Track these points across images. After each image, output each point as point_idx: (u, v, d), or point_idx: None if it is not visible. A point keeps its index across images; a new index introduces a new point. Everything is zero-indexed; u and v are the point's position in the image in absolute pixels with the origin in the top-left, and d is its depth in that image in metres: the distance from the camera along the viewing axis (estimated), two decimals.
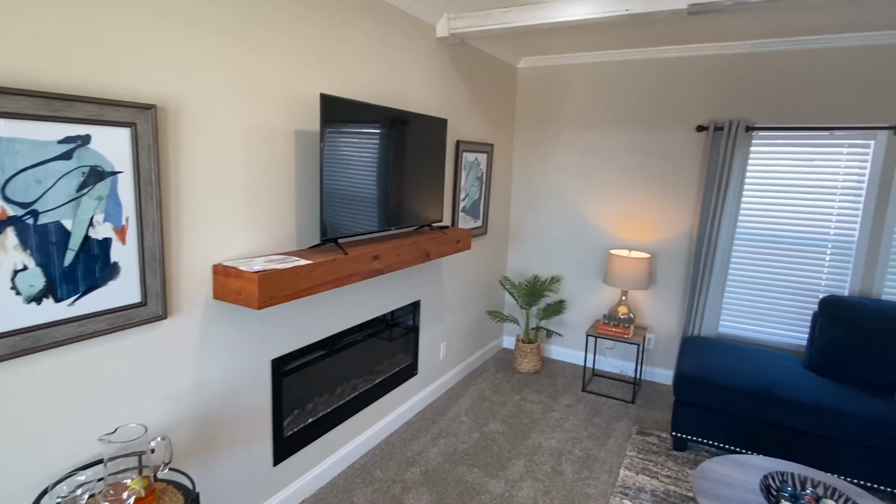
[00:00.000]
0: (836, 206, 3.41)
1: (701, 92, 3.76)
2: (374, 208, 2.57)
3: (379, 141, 2.53)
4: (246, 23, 1.98)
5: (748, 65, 3.58)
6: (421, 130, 2.85)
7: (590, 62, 4.12)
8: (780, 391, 2.81)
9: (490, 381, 4.02)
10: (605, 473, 2.87)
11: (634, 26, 3.26)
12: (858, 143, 3.32)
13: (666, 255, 4.03)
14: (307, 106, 2.32)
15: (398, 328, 3.24)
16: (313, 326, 2.51)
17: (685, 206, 3.91)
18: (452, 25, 3.14)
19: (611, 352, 4.35)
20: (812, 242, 3.50)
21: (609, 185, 4.18)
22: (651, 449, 3.12)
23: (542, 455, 3.03)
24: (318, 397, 2.63)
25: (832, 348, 3.04)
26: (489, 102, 3.98)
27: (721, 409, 2.94)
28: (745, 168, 3.58)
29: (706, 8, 2.51)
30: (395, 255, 2.61)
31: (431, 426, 3.31)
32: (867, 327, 2.96)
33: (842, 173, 3.38)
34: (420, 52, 3.08)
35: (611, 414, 3.58)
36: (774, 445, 2.84)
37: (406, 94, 2.99)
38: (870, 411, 2.62)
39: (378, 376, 3.09)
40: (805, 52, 3.40)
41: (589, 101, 4.17)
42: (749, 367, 3.07)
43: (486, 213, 4.11)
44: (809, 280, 3.53)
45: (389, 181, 2.66)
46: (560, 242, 4.45)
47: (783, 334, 3.66)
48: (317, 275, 2.07)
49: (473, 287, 4.11)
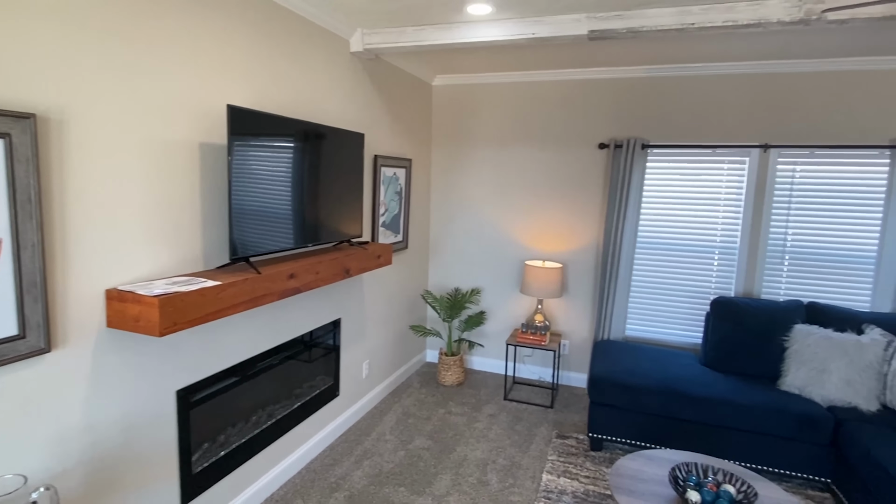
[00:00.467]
0: (721, 215, 3.79)
1: (602, 112, 4.04)
2: (290, 225, 2.48)
3: (293, 155, 2.46)
4: (144, 29, 1.85)
5: (644, 88, 3.91)
6: (337, 145, 2.81)
7: (501, 82, 4.29)
8: (681, 387, 3.04)
9: (415, 397, 3.99)
10: (529, 479, 2.94)
11: (541, 49, 3.44)
12: (736, 159, 3.73)
13: (576, 264, 4.25)
14: (214, 118, 2.19)
15: (318, 348, 3.13)
16: (225, 352, 2.35)
17: (591, 218, 4.16)
18: (367, 41, 3.13)
19: (529, 359, 4.49)
20: (702, 249, 3.86)
21: (523, 200, 4.35)
22: (570, 451, 3.25)
23: (468, 467, 3.04)
24: (230, 428, 2.46)
25: (723, 345, 3.35)
26: (406, 118, 4.01)
27: (631, 407, 3.12)
28: (642, 182, 3.88)
29: (604, 35, 2.72)
30: (313, 273, 2.53)
31: (355, 448, 3.21)
32: (751, 324, 3.30)
33: (724, 186, 3.77)
34: (335, 66, 3.04)
35: (532, 420, 3.69)
36: (680, 438, 3.07)
37: (321, 108, 2.94)
38: (757, 401, 2.91)
39: (297, 400, 2.95)
40: (692, 78, 3.78)
41: (501, 119, 4.34)
42: (653, 366, 3.30)
43: (407, 227, 4.11)
44: (701, 283, 3.89)
45: (305, 196, 2.58)
46: (479, 255, 4.55)
47: (682, 334, 3.98)
48: (226, 296, 1.95)
49: (396, 302, 4.08)
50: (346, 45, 3.15)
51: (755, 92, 3.65)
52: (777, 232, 3.66)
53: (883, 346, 2.89)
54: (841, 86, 3.47)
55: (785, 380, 3.07)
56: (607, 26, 2.68)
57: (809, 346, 3.01)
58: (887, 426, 2.65)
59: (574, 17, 2.74)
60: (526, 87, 4.24)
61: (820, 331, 3.04)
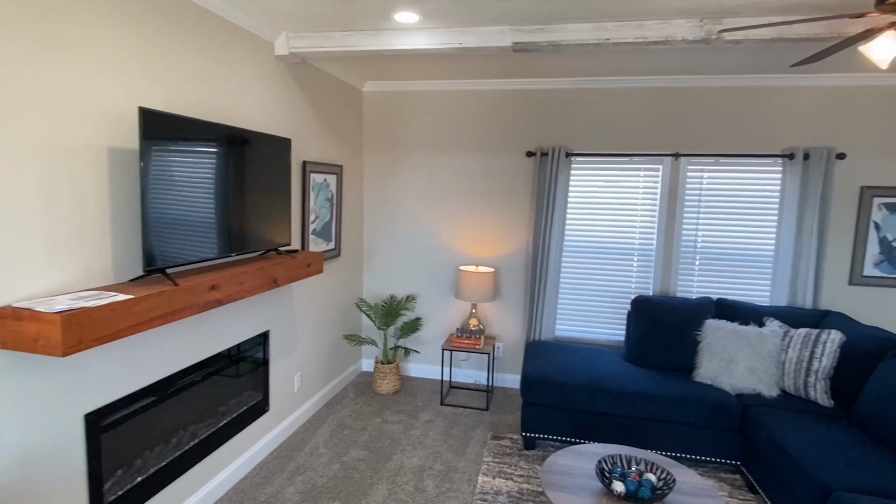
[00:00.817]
0: (639, 219, 4.03)
1: (529, 121, 4.18)
2: (211, 233, 2.37)
3: (214, 160, 2.35)
4: (40, 24, 1.70)
5: (568, 98, 4.09)
6: (262, 150, 2.72)
7: (433, 90, 4.33)
8: (606, 383, 3.19)
9: (350, 408, 3.92)
10: (465, 483, 2.97)
11: (470, 59, 3.51)
12: (651, 167, 3.98)
13: (508, 268, 4.36)
14: (125, 121, 2.06)
15: (246, 362, 3.00)
16: (141, 370, 2.20)
17: (521, 223, 4.29)
18: (292, 45, 3.06)
19: (465, 363, 4.55)
20: (623, 251, 4.08)
21: (456, 206, 4.41)
22: (505, 452, 3.31)
23: (405, 475, 3.02)
24: (148, 451, 2.30)
25: (643, 341, 3.55)
26: (336, 124, 3.95)
27: (561, 405, 3.24)
28: (567, 189, 4.05)
29: (527, 47, 2.82)
30: (238, 284, 2.43)
31: (287, 464, 3.10)
32: (667, 321, 3.52)
33: (641, 192, 4.01)
34: (259, 69, 2.94)
35: (468, 423, 3.73)
36: (608, 432, 3.21)
37: (245, 112, 2.83)
38: (675, 393, 3.11)
39: (223, 418, 2.81)
40: (612, 90, 4.00)
41: (433, 126, 4.38)
42: (581, 364, 3.44)
43: (339, 235, 4.04)
44: (623, 284, 4.11)
45: (228, 204, 2.47)
46: (414, 261, 4.55)
47: (607, 332, 4.18)
48: (140, 311, 1.83)
49: (328, 311, 3.99)
50: (271, 48, 3.06)
51: (667, 104, 3.92)
52: (689, 234, 3.95)
53: (781, 336, 3.18)
54: (740, 100, 3.81)
55: (699, 371, 3.30)
56: (530, 39, 2.78)
57: (719, 339, 3.26)
58: (785, 409, 2.92)
59: (499, 29, 2.82)
60: (457, 95, 4.31)
61: (727, 325, 3.30)
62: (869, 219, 3.71)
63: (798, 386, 3.06)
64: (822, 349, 3.00)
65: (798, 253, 3.70)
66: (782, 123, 3.76)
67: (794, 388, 3.08)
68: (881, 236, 3.71)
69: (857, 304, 3.79)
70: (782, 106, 3.75)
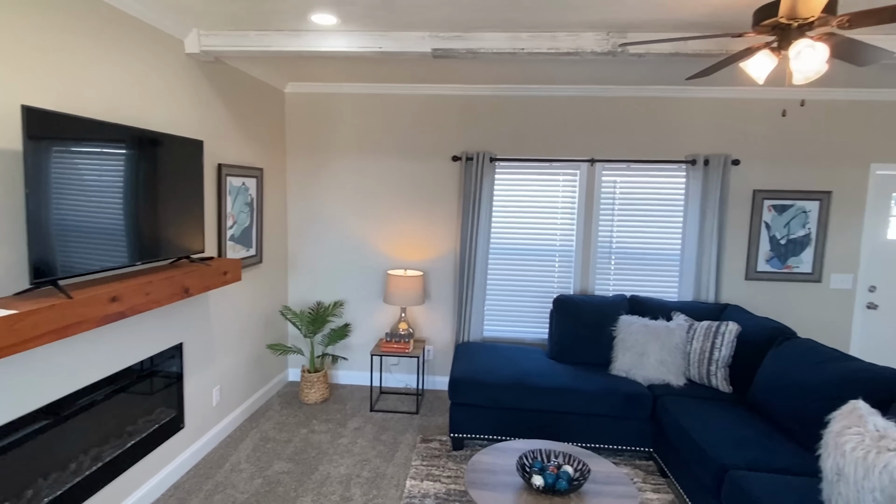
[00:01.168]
0: (559, 222, 4.21)
1: (455, 126, 4.25)
2: (113, 241, 2.21)
3: (115, 163, 2.20)
4: None
5: (492, 105, 4.19)
6: (171, 152, 2.58)
7: (359, 93, 4.29)
8: (530, 381, 3.30)
9: (274, 420, 3.78)
10: (393, 488, 2.95)
11: (395, 63, 3.52)
12: (570, 171, 4.16)
13: (437, 271, 4.40)
14: (8, 121, 1.88)
15: (158, 378, 2.82)
16: (31, 391, 2.01)
17: (449, 226, 4.35)
18: (204, 42, 2.93)
19: (395, 368, 4.53)
20: (545, 252, 4.24)
21: (384, 210, 4.39)
22: (434, 454, 3.33)
23: (331, 485, 2.96)
24: (42, 480, 2.11)
25: (564, 338, 3.70)
26: (256, 125, 3.82)
27: (487, 404, 3.30)
28: (492, 192, 4.15)
29: (446, 53, 2.87)
30: (143, 294, 2.28)
31: (205, 483, 2.95)
32: (586, 318, 3.69)
33: (560, 196, 4.19)
34: (169, 68, 2.79)
35: (398, 428, 3.71)
36: (532, 428, 3.31)
37: (151, 113, 2.67)
38: (593, 386, 3.26)
39: (131, 438, 2.63)
40: (533, 98, 4.14)
41: (360, 129, 4.34)
42: (507, 363, 3.53)
43: (261, 241, 3.90)
44: (546, 283, 4.26)
45: (133, 209, 2.32)
46: (342, 267, 4.48)
47: (533, 331, 4.32)
48: (25, 327, 1.68)
49: (250, 321, 3.84)
50: (181, 45, 2.91)
51: (583, 112, 4.12)
52: (605, 235, 4.17)
53: (686, 329, 3.43)
54: (649, 109, 4.07)
55: (614, 365, 3.48)
56: (449, 46, 2.83)
57: (631, 334, 3.46)
58: (690, 397, 3.14)
59: (419, 35, 2.85)
60: (383, 98, 4.29)
61: (639, 320, 3.51)
62: (761, 219, 4.08)
63: (702, 375, 3.31)
64: (722, 340, 3.27)
65: (701, 251, 4.00)
66: (686, 132, 4.07)
67: (699, 377, 3.32)
68: (771, 235, 4.10)
69: (753, 297, 4.16)
70: (685, 116, 4.05)
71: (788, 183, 4.06)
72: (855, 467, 1.85)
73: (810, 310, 4.16)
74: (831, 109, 4.00)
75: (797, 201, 4.06)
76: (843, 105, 3.99)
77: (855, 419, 1.98)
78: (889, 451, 1.79)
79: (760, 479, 2.24)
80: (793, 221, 4.07)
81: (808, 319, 4.17)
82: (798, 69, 1.90)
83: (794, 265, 4.10)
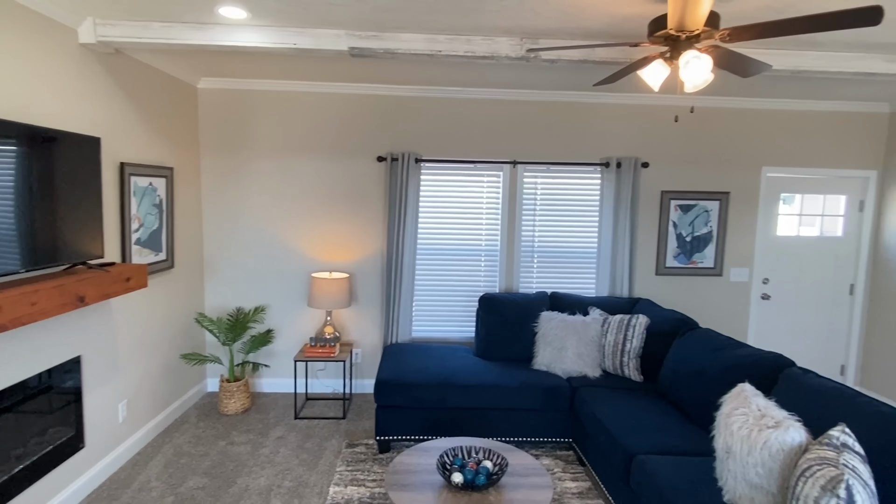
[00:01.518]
0: (484, 222, 4.29)
1: (379, 126, 4.22)
2: None
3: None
4: None
5: (416, 105, 4.20)
6: (63, 150, 2.37)
7: (279, 90, 4.16)
8: (455, 379, 3.33)
9: (190, 433, 3.58)
10: (316, 496, 2.88)
11: (314, 61, 3.43)
12: (493, 173, 4.26)
13: (364, 273, 4.34)
14: None
15: (53, 395, 2.58)
16: None
17: (375, 227, 4.31)
18: (101, 32, 2.73)
19: (323, 373, 4.43)
20: (471, 252, 4.30)
21: (307, 211, 4.28)
22: (359, 458, 3.28)
23: (249, 498, 2.85)
24: None
25: (490, 336, 3.78)
26: (165, 123, 3.60)
27: (413, 405, 3.30)
28: (418, 193, 4.16)
29: (364, 52, 2.84)
30: (28, 305, 2.08)
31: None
32: (510, 316, 3.79)
33: (485, 196, 4.27)
34: (60, 59, 2.57)
35: (323, 434, 3.63)
36: (457, 426, 3.35)
37: (43, 108, 2.45)
38: (515, 381, 3.35)
39: (18, 463, 2.39)
40: (456, 100, 4.19)
41: (281, 128, 4.20)
42: (434, 363, 3.55)
43: (171, 244, 3.68)
44: (473, 282, 4.33)
45: (18, 212, 2.11)
46: (263, 270, 4.32)
47: (460, 330, 4.37)
48: None
49: (162, 330, 3.61)
50: (74, 35, 2.70)
51: (505, 115, 4.22)
52: (527, 235, 4.29)
53: (601, 322, 3.60)
54: (566, 113, 4.24)
55: (536, 360, 3.60)
56: (366, 45, 2.81)
57: (552, 329, 3.58)
58: (605, 387, 3.30)
59: (335, 33, 2.80)
60: (305, 97, 4.18)
61: (559, 315, 3.65)
62: (668, 218, 4.37)
63: (616, 365, 3.49)
64: (633, 332, 3.46)
65: (615, 248, 4.22)
66: (600, 135, 4.27)
67: (613, 368, 3.50)
68: (678, 233, 4.39)
69: (663, 291, 4.44)
70: (600, 120, 4.26)
71: (692, 184, 4.38)
72: (741, 445, 2.01)
73: (714, 301, 4.50)
74: (727, 116, 4.35)
75: (700, 201, 4.38)
76: (737, 113, 4.35)
77: (742, 401, 2.16)
78: (768, 428, 1.97)
79: (663, 462, 2.39)
80: (696, 220, 4.39)
81: (712, 310, 4.51)
82: (687, 78, 2.05)
83: (699, 260, 4.42)
